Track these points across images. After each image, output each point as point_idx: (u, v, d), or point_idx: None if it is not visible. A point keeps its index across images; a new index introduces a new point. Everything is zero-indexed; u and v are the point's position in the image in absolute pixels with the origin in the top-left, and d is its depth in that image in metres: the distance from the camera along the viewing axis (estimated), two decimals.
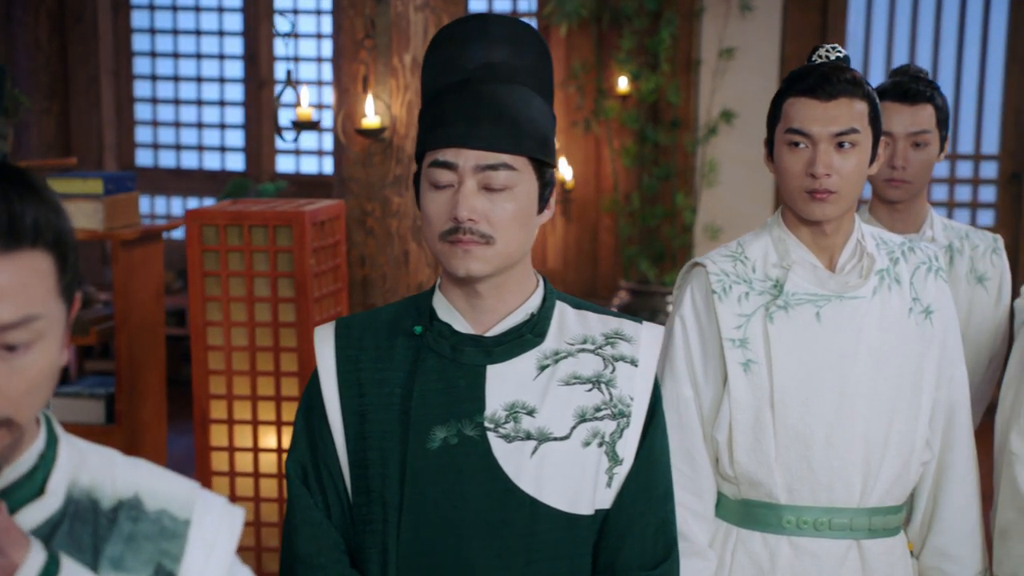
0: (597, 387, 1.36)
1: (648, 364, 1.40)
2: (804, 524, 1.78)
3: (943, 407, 1.85)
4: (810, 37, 5.78)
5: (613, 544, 1.36)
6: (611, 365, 1.37)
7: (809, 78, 1.78)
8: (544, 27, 6.05)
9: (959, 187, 5.86)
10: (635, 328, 1.42)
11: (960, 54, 5.74)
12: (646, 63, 5.77)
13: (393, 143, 3.16)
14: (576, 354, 1.38)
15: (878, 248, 1.86)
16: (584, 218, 6.12)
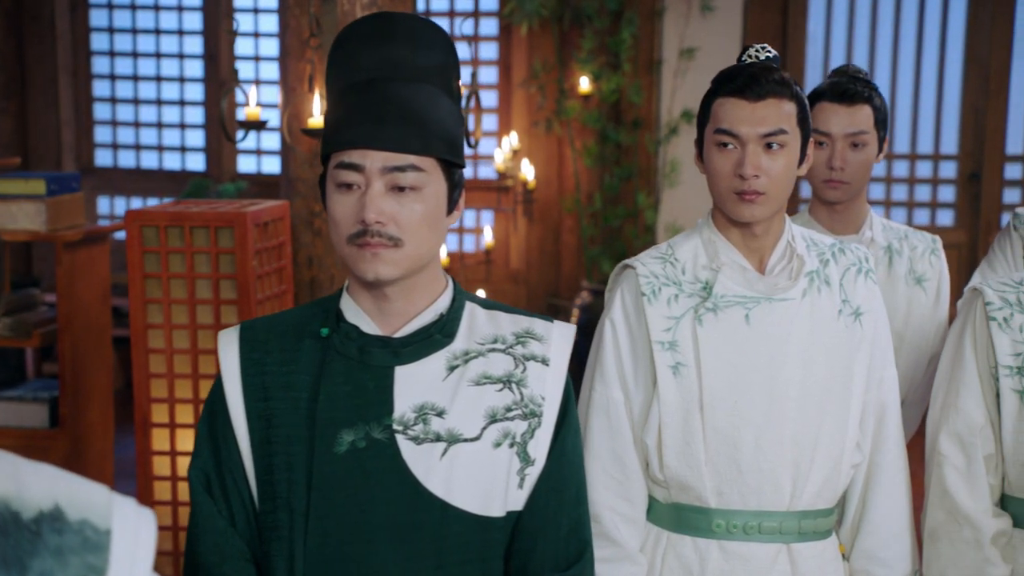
0: (508, 387, 1.34)
1: (559, 363, 1.39)
2: (734, 528, 1.77)
3: (873, 409, 1.85)
4: (771, 37, 5.79)
5: (525, 546, 1.35)
6: (522, 365, 1.36)
7: (738, 78, 1.77)
8: (505, 26, 6.04)
9: (918, 187, 5.89)
10: (546, 327, 1.40)
11: (919, 55, 5.76)
12: (607, 63, 5.77)
13: None
14: (486, 354, 1.36)
15: (808, 250, 1.85)
16: (546, 218, 6.11)
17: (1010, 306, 1.84)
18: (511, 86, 6.10)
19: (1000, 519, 1.83)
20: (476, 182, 6.26)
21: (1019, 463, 1.81)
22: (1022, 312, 1.83)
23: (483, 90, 6.26)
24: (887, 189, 5.90)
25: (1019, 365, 1.81)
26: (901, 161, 5.88)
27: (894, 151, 5.85)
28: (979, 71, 5.69)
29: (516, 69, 6.06)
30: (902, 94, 5.81)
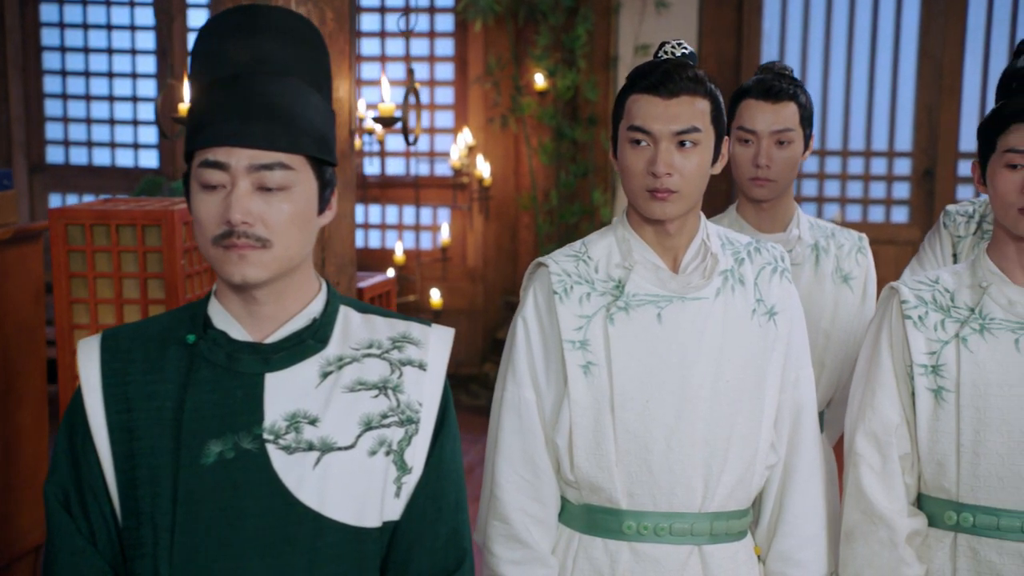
0: (384, 393, 1.31)
1: (437, 368, 1.35)
2: (644, 530, 1.75)
3: (788, 409, 1.83)
4: (726, 35, 5.79)
5: (402, 557, 1.31)
6: (398, 370, 1.32)
7: (651, 75, 1.74)
8: (460, 22, 6.00)
9: (873, 184, 5.90)
10: (424, 331, 1.37)
11: (873, 52, 5.78)
12: (562, 59, 5.74)
13: None
14: (361, 359, 1.32)
15: (723, 248, 1.83)
16: (503, 216, 6.08)
17: (925, 304, 1.83)
18: (467, 82, 6.06)
19: (915, 519, 1.82)
20: (432, 179, 6.22)
21: (934, 462, 1.80)
22: (937, 310, 1.82)
23: (439, 86, 6.23)
24: (842, 186, 5.91)
25: (934, 364, 1.79)
26: (856, 158, 5.89)
27: (850, 148, 5.86)
28: (932, 69, 5.70)
29: (472, 65, 6.03)
30: (857, 91, 5.82)
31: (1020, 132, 1.74)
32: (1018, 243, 1.79)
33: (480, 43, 5.97)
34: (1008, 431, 1.75)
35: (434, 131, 6.24)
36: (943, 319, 1.81)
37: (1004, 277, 1.81)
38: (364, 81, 6.13)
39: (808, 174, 5.92)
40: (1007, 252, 1.81)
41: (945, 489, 1.80)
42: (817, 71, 5.85)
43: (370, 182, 6.25)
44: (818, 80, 5.85)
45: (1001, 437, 1.76)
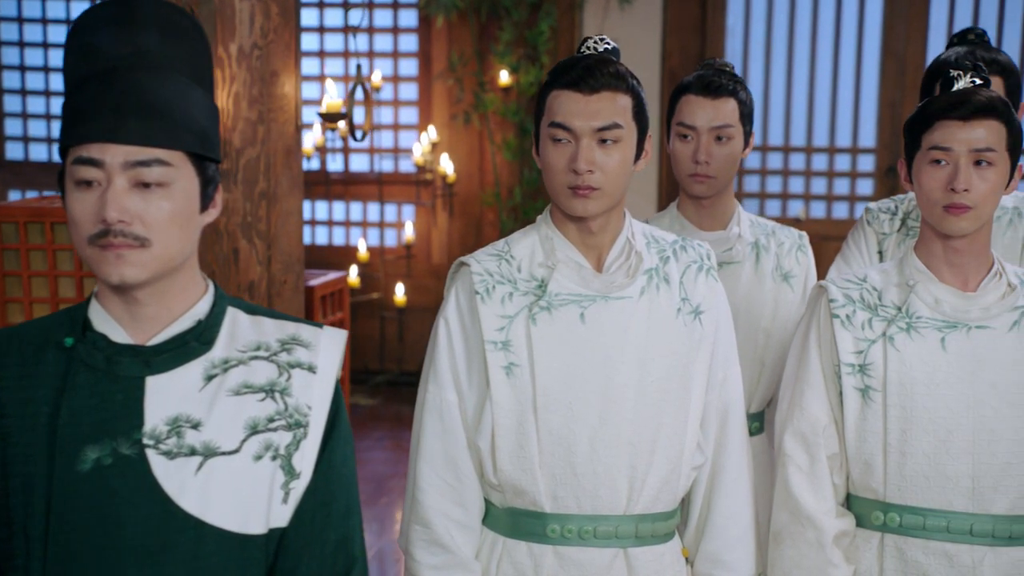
0: (271, 396, 1.27)
1: (328, 371, 1.31)
2: (568, 533, 1.72)
3: (715, 409, 1.81)
4: (690, 31, 5.77)
5: (289, 564, 1.28)
6: (287, 372, 1.28)
7: (572, 71, 1.71)
8: (424, 18, 5.96)
9: (837, 180, 5.90)
10: (314, 333, 1.33)
11: (837, 49, 5.77)
12: (525, 55, 5.71)
13: (220, 137, 3.04)
14: (248, 362, 1.28)
15: (648, 247, 1.81)
16: (467, 212, 6.04)
17: (853, 303, 1.81)
18: (431, 79, 6.02)
19: (843, 519, 1.80)
20: (396, 176, 6.18)
21: (861, 462, 1.78)
22: (865, 309, 1.80)
23: (403, 82, 6.18)
24: (806, 183, 5.90)
25: (861, 363, 1.77)
26: (820, 155, 5.89)
27: (814, 144, 5.86)
28: (896, 66, 5.71)
29: (436, 61, 5.99)
30: (820, 88, 5.82)
31: (945, 129, 1.73)
32: (945, 241, 1.77)
33: (443, 39, 5.93)
34: (934, 430, 1.74)
35: (398, 127, 6.20)
36: (870, 318, 1.79)
37: (931, 275, 1.79)
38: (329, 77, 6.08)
39: (772, 170, 5.91)
40: (934, 250, 1.79)
41: (872, 489, 1.78)
42: (781, 67, 5.84)
43: (333, 179, 6.20)
44: (782, 76, 5.84)
45: (927, 436, 1.74)
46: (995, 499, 1.73)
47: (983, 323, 1.76)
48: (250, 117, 3.05)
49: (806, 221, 5.84)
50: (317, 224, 6.33)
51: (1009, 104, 1.74)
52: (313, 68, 6.16)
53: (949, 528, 1.73)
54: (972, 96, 1.73)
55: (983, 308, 1.76)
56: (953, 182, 1.72)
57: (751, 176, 5.96)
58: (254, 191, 3.08)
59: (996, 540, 1.73)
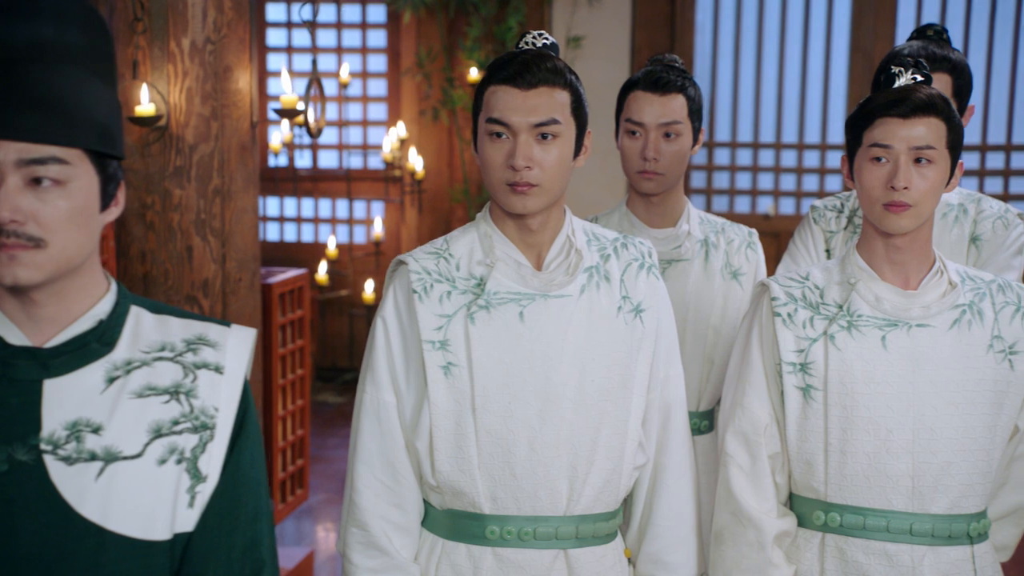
0: (175, 398, 1.23)
1: (236, 371, 1.28)
2: (508, 535, 1.70)
3: (657, 408, 1.79)
4: (659, 26, 5.76)
5: (195, 570, 1.24)
6: (192, 374, 1.25)
7: (509, 66, 1.69)
8: (393, 13, 5.92)
9: (806, 177, 5.91)
10: (222, 332, 1.29)
11: (805, 45, 5.77)
12: (494, 51, 5.68)
13: (172, 132, 3.00)
14: (152, 363, 1.25)
15: (589, 244, 1.79)
16: (436, 209, 6.02)
17: (795, 301, 1.79)
18: (399, 74, 5.99)
19: (784, 519, 1.79)
20: (365, 172, 6.14)
21: (803, 461, 1.77)
22: (807, 307, 1.79)
23: (372, 78, 6.15)
24: (776, 179, 5.90)
25: (802, 362, 1.76)
26: (789, 151, 5.89)
27: (783, 141, 5.86)
28: (864, 62, 5.71)
29: (404, 57, 5.95)
30: (789, 84, 5.82)
31: (885, 126, 1.72)
32: (886, 239, 1.76)
33: (412, 34, 5.90)
34: (874, 430, 1.73)
35: (367, 124, 6.16)
36: (812, 316, 1.78)
37: (872, 273, 1.78)
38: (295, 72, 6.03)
39: (742, 167, 5.91)
40: (875, 248, 1.78)
41: (814, 489, 1.77)
42: (750, 63, 5.84)
43: (302, 175, 6.16)
44: (751, 72, 5.84)
45: (867, 436, 1.73)
46: (935, 498, 1.72)
47: (924, 321, 1.75)
48: (203, 113, 3.01)
49: (775, 217, 5.84)
50: (286, 221, 6.29)
51: (949, 102, 1.73)
52: (280, 64, 6.12)
53: (889, 528, 1.73)
54: (912, 94, 1.72)
55: (923, 306, 1.75)
56: (893, 180, 1.70)
57: (720, 172, 5.95)
58: (208, 188, 3.04)
59: (935, 540, 1.73)
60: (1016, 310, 1.78)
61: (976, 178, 5.69)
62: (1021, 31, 5.62)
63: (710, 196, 5.95)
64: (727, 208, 5.94)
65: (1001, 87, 5.65)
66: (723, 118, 5.89)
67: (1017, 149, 5.71)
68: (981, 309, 1.77)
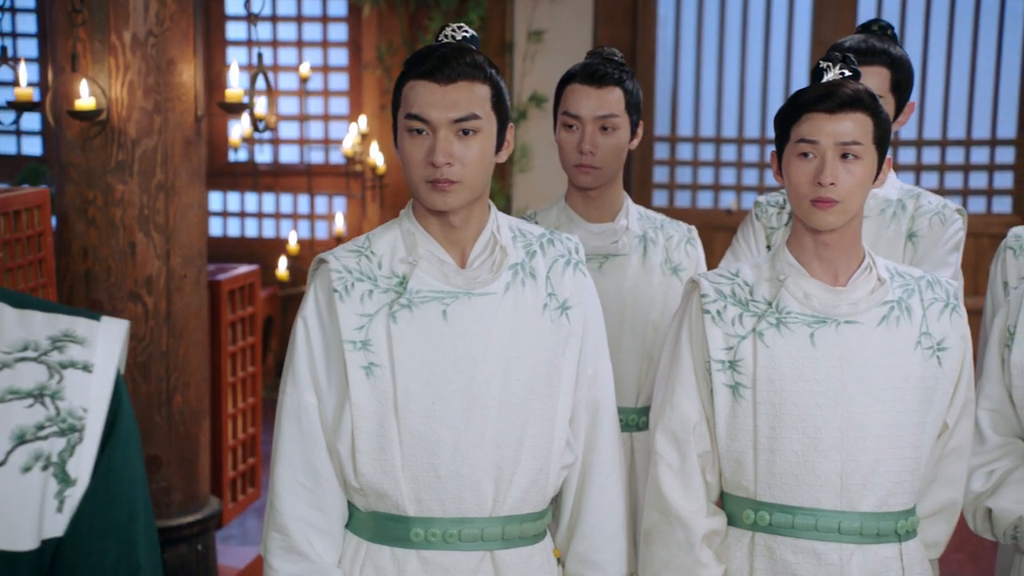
0: (40, 401, 1.17)
1: (106, 368, 1.20)
2: (433, 537, 1.68)
3: (585, 406, 1.77)
4: (621, 20, 5.74)
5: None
6: (58, 374, 1.17)
7: (427, 60, 1.66)
8: (354, 7, 5.88)
9: (768, 171, 5.91)
10: (90, 327, 1.21)
11: (767, 38, 5.77)
12: None
13: (114, 127, 2.95)
14: (14, 364, 1.16)
15: (515, 241, 1.76)
16: (398, 204, 5.97)
17: (724, 298, 1.78)
18: (360, 68, 5.94)
19: (714, 518, 1.77)
20: (327, 167, 6.09)
21: (733, 460, 1.75)
22: (736, 304, 1.77)
23: (333, 72, 6.09)
24: (738, 174, 5.90)
25: (731, 359, 1.74)
26: (751, 145, 5.89)
27: (745, 136, 5.86)
28: None
29: (366, 51, 5.91)
30: (751, 78, 5.81)
31: (811, 122, 1.70)
32: (815, 235, 1.75)
33: (373, 28, 5.85)
34: (803, 427, 1.71)
35: (328, 118, 6.12)
36: (741, 313, 1.76)
37: (802, 270, 1.76)
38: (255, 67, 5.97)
39: (705, 162, 5.90)
40: (804, 244, 1.76)
41: (744, 487, 1.75)
42: (712, 58, 5.83)
43: (263, 170, 6.11)
44: (713, 67, 5.83)
45: (796, 434, 1.71)
46: (863, 496, 1.71)
47: (852, 318, 1.73)
48: (146, 107, 2.97)
49: (737, 212, 5.84)
50: (247, 216, 6.23)
51: (876, 97, 1.72)
52: (242, 58, 6.05)
53: (817, 526, 1.71)
54: (839, 88, 1.70)
55: (852, 303, 1.74)
56: (820, 176, 1.69)
57: (683, 167, 5.94)
58: (151, 183, 3.00)
59: (864, 538, 1.71)
60: (945, 306, 1.77)
61: (912, 173, 5.71)
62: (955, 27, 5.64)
63: (672, 191, 5.94)
64: (689, 203, 5.93)
65: (936, 82, 5.66)
66: (685, 113, 5.88)
67: (953, 144, 5.73)
68: (910, 306, 1.75)
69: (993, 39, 5.64)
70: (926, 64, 5.66)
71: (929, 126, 5.72)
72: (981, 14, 5.63)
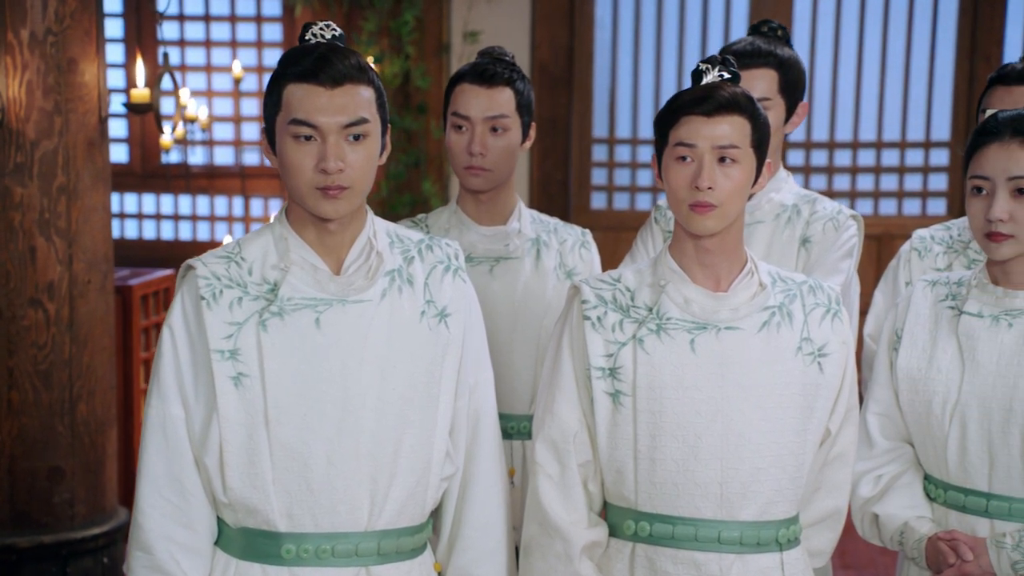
0: None
1: None
2: (305, 553, 1.63)
3: (466, 416, 1.73)
4: (559, 22, 5.71)
5: None
6: None
7: (309, 61, 1.61)
8: (288, 7, 5.80)
9: None
10: None
11: (704, 40, 5.77)
12: (390, 46, 5.59)
13: (11, 128, 2.87)
14: None
15: (392, 247, 1.72)
16: None
17: (605, 304, 1.74)
18: None
19: (594, 530, 1.74)
20: (261, 169, 6.01)
21: (614, 469, 1.72)
22: (617, 310, 1.73)
23: (267, 73, 6.01)
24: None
25: (611, 367, 1.71)
26: None
27: None
28: None
29: None
30: (689, 80, 5.79)
31: (689, 125, 1.67)
32: (695, 240, 1.71)
33: None
34: (683, 436, 1.68)
35: (263, 120, 6.02)
36: (622, 319, 1.72)
37: (683, 275, 1.73)
38: (188, 67, 5.88)
39: (644, 164, 5.88)
40: (685, 250, 1.73)
41: (625, 497, 1.72)
42: (650, 59, 5.81)
43: (196, 172, 6.01)
44: (651, 68, 5.81)
45: (676, 442, 1.68)
46: (743, 505, 1.68)
47: (732, 324, 1.70)
48: (45, 107, 2.89)
49: None
50: (180, 219, 6.13)
51: (754, 100, 1.69)
52: (174, 58, 5.95)
53: (697, 536, 1.68)
54: (716, 91, 1.67)
55: (732, 308, 1.71)
56: (697, 180, 1.66)
57: (621, 169, 5.92)
58: (52, 186, 2.92)
59: (744, 547, 1.69)
60: (827, 311, 1.74)
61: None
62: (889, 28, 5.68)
63: (611, 193, 5.92)
64: (628, 206, 5.91)
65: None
66: (624, 114, 5.86)
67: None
68: (791, 311, 1.73)
69: (927, 40, 5.68)
70: (861, 66, 5.68)
71: (864, 129, 5.75)
72: (915, 15, 5.67)
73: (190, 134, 5.87)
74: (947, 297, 1.89)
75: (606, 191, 5.90)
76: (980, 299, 1.85)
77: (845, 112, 5.75)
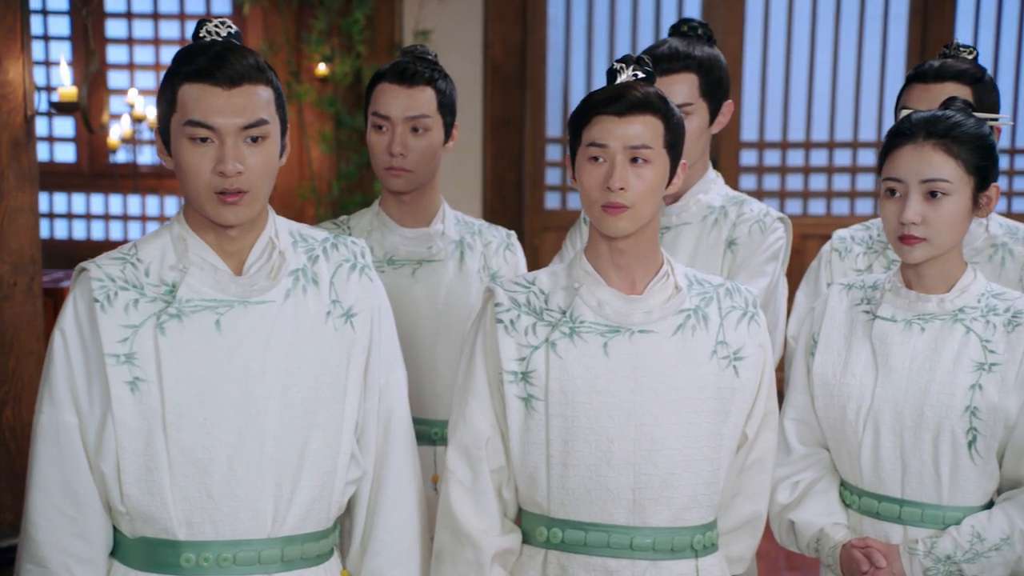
0: None
1: None
2: (205, 562, 1.58)
3: (376, 418, 1.69)
4: (511, 20, 5.68)
5: None
6: None
7: (204, 60, 1.56)
8: (237, 4, 5.72)
9: None
10: None
11: (657, 39, 5.74)
12: (340, 44, 5.53)
13: None
14: None
15: (295, 246, 1.68)
16: (287, 207, 5.83)
17: (518, 307, 1.71)
18: None
19: (506, 537, 1.70)
20: None
21: (526, 475, 1.69)
22: (530, 313, 1.70)
23: None
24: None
25: (524, 371, 1.67)
26: None
27: None
28: None
29: None
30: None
31: (601, 125, 1.64)
32: (609, 242, 1.68)
33: (258, 27, 5.70)
34: (595, 440, 1.65)
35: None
36: (535, 323, 1.69)
37: (598, 277, 1.70)
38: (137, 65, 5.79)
39: None
40: (600, 251, 1.70)
41: (538, 504, 1.69)
42: (602, 57, 5.79)
43: (144, 172, 5.92)
44: (604, 67, 5.79)
45: (588, 447, 1.65)
46: (656, 511, 1.65)
47: (646, 327, 1.67)
48: None
49: None
50: (130, 220, 6.04)
51: (667, 100, 1.66)
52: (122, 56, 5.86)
53: (610, 543, 1.65)
54: (628, 91, 1.64)
55: (646, 311, 1.68)
56: (609, 180, 1.63)
57: None
58: None
59: (657, 554, 1.66)
60: (743, 315, 1.72)
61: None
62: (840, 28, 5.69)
63: (565, 193, 5.89)
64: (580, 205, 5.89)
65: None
66: None
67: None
68: (707, 314, 1.70)
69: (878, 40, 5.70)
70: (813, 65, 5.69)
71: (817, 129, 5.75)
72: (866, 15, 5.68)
73: (138, 133, 5.79)
74: (862, 301, 1.87)
75: (560, 191, 5.87)
76: (894, 303, 1.83)
77: (798, 112, 5.76)
